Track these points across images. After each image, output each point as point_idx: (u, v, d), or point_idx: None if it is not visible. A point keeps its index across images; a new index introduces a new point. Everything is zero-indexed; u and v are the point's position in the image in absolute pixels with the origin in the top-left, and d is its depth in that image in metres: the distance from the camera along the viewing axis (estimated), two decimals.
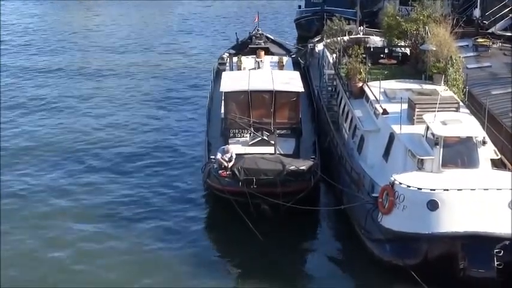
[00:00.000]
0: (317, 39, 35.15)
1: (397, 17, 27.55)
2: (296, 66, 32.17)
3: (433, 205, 17.65)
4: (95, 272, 19.28)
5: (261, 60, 31.15)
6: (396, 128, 20.22)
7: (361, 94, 23.82)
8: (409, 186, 17.98)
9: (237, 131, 23.74)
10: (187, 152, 27.47)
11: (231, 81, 25.01)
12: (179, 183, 24.67)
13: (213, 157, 22.23)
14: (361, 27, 32.91)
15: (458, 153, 19.00)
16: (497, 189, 17.78)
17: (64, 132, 29.73)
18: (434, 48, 23.88)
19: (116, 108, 32.94)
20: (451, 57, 23.72)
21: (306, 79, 30.34)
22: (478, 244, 17.56)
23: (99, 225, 21.72)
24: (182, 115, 31.92)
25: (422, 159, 18.97)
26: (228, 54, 33.24)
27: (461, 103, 21.55)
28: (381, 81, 23.01)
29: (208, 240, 21.52)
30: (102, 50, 44.29)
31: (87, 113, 32.14)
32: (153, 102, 33.69)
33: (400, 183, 18.15)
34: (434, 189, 17.74)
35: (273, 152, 22.38)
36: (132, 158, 26.85)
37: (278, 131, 23.17)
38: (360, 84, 23.98)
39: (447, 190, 17.73)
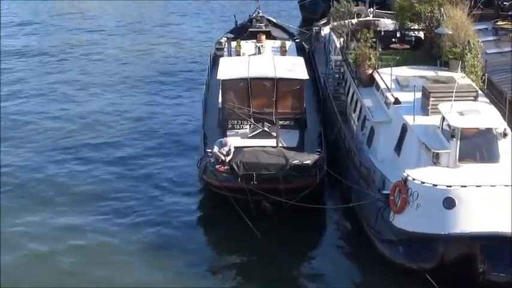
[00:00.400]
0: (323, 22, 35.03)
1: None
2: (300, 51, 32.05)
3: (449, 203, 17.54)
4: (84, 269, 19.50)
5: (262, 45, 31.06)
6: (409, 119, 20.11)
7: (371, 82, 23.70)
8: (424, 183, 17.88)
9: (235, 122, 23.69)
10: (181, 145, 27.41)
11: (229, 68, 24.89)
12: (173, 179, 24.63)
13: (210, 150, 22.14)
14: (371, 9, 32.73)
15: (477, 146, 18.88)
16: None
17: (51, 120, 29.80)
18: (450, 32, 23.74)
19: (105, 96, 32.92)
20: (468, 41, 23.59)
21: (310, 65, 30.21)
22: (499, 246, 17.46)
23: (90, 220, 21.93)
24: (176, 105, 31.82)
25: (437, 153, 18.86)
26: (226, 39, 33.07)
27: (480, 91, 21.42)
28: (393, 68, 22.89)
29: (205, 240, 21.45)
30: (90, 32, 44.21)
31: (75, 100, 32.23)
32: (144, 91, 33.60)
33: (414, 179, 18.06)
34: (450, 186, 17.63)
35: (275, 144, 22.29)
36: (123, 152, 26.82)
37: (280, 122, 23.08)
38: (370, 71, 23.86)
39: (465, 187, 17.62)
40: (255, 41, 31.66)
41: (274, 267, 19.60)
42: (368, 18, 31.36)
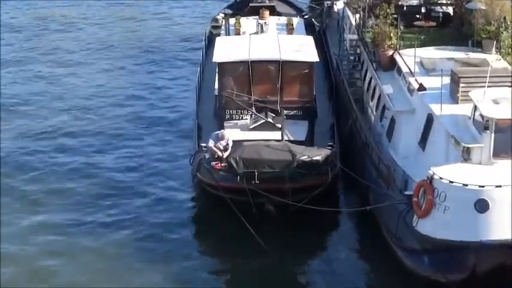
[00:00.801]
0: None
1: None
2: (309, 29, 32.09)
3: (482, 206, 17.51)
4: (68, 275, 19.84)
5: (265, 22, 31.03)
6: (435, 108, 20.10)
7: (392, 65, 23.75)
8: (452, 182, 17.84)
9: (234, 111, 23.71)
10: (172, 138, 27.58)
11: (227, 49, 24.93)
12: (162, 178, 24.75)
13: (204, 145, 22.14)
14: None
15: None
16: None
17: (27, 105, 30.22)
18: (483, 7, 23.71)
19: (86, 77, 33.27)
20: (505, 18, 23.57)
21: (321, 46, 30.24)
22: None
23: (73, 222, 22.26)
24: (165, 92, 31.92)
25: (468, 148, 18.83)
26: (223, 15, 33.09)
27: None
28: (417, 49, 22.84)
29: (199, 250, 21.49)
30: (66, 6, 44.28)
31: (53, 81, 32.67)
32: (130, 73, 33.77)
33: (441, 178, 18.00)
34: (483, 186, 17.59)
35: (280, 138, 22.28)
36: (107, 144, 27.15)
37: (286, 112, 23.04)
38: (390, 52, 23.90)
39: (500, 187, 17.57)
40: (257, 17, 31.62)
41: (278, 277, 19.71)
42: None
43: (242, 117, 23.72)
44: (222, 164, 21.42)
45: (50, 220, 22.32)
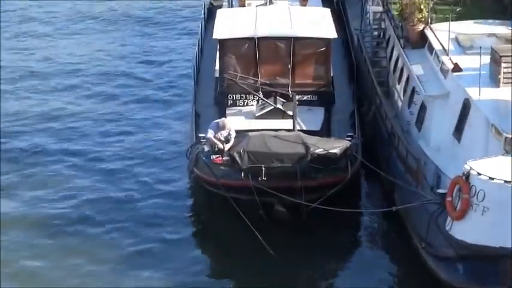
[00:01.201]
0: None
1: None
2: (326, 1, 32.09)
3: None
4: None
5: None
6: (473, 92, 20.11)
7: (422, 42, 23.82)
8: (492, 179, 17.83)
9: (238, 96, 23.83)
10: (166, 129, 27.80)
11: (229, 24, 24.99)
12: (156, 174, 24.92)
13: (203, 136, 22.20)
14: None
15: None
16: None
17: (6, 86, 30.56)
18: None
19: (67, 49, 34.03)
20: None
21: (340, 20, 30.26)
22: None
23: (55, 222, 22.48)
24: (159, 74, 32.08)
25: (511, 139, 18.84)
26: None
27: None
28: (451, 23, 22.87)
29: (196, 253, 21.55)
30: None
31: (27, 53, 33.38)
32: (117, 52, 33.95)
33: (479, 174, 18.01)
34: None
35: (291, 127, 22.33)
36: (93, 131, 27.47)
37: (299, 97, 23.10)
38: (421, 27, 23.96)
39: None
40: None
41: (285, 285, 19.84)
42: None
43: (247, 103, 23.85)
44: (224, 158, 21.46)
45: (34, 219, 22.51)
